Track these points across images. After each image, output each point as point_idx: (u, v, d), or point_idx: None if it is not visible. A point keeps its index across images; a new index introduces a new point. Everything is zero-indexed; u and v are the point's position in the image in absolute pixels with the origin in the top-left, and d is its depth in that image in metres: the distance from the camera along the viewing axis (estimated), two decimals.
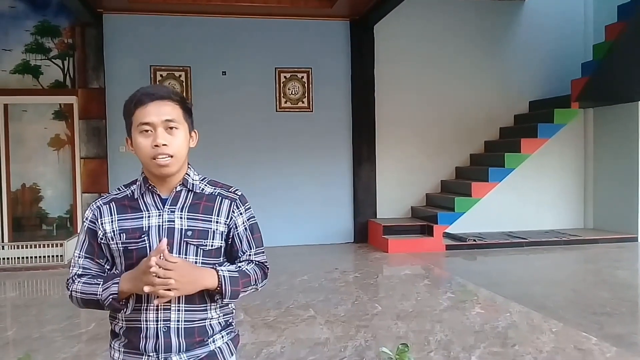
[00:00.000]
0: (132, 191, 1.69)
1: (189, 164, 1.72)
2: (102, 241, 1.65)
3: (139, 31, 8.06)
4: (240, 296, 1.66)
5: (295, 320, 4.74)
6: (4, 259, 7.16)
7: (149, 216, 1.64)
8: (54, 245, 7.12)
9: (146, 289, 1.50)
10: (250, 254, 1.73)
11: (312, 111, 8.55)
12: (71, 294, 1.65)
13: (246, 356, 3.84)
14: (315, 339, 4.25)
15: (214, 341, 1.68)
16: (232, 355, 1.73)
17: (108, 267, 1.68)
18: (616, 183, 8.59)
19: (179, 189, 1.67)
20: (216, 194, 1.71)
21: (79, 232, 1.71)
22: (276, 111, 8.47)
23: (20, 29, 7.76)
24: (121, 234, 1.62)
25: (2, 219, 7.75)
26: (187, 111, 1.69)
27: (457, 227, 8.27)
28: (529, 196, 8.91)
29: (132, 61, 8.01)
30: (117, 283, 1.57)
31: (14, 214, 7.86)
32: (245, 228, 1.73)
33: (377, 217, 8.64)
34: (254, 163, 8.34)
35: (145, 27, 8.07)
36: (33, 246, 7.17)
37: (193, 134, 1.72)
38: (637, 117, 8.23)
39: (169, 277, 1.50)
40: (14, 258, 7.14)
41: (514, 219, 8.86)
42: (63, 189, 8.02)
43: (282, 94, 8.48)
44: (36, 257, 7.06)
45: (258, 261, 1.74)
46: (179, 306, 1.61)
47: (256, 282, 1.71)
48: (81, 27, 7.82)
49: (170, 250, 1.61)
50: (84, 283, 1.62)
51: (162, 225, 1.63)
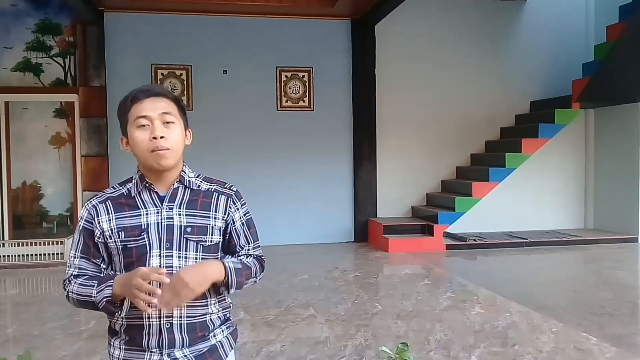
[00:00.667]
0: (128, 189, 1.69)
1: (183, 162, 1.73)
2: (100, 240, 1.65)
3: (140, 29, 8.06)
4: (243, 287, 1.69)
5: (295, 319, 4.74)
6: (4, 256, 7.19)
7: (147, 213, 1.64)
8: (55, 243, 7.14)
9: (140, 305, 1.50)
10: (248, 249, 1.77)
11: (313, 110, 8.55)
12: (68, 294, 1.65)
13: (246, 355, 3.84)
14: (315, 337, 4.25)
15: (214, 335, 1.70)
16: (232, 349, 1.76)
17: (104, 267, 1.68)
18: (617, 183, 8.59)
19: (176, 185, 1.68)
20: (212, 190, 1.73)
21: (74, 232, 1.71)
22: (277, 110, 8.47)
23: (22, 27, 7.75)
24: (120, 232, 1.62)
25: (3, 216, 7.76)
26: (182, 109, 1.71)
27: (457, 227, 8.27)
28: (530, 196, 8.90)
29: (133, 59, 8.01)
30: (111, 286, 1.56)
31: (14, 212, 7.87)
32: (242, 223, 1.76)
33: (378, 216, 8.64)
34: (254, 162, 8.33)
35: (147, 26, 8.07)
36: (33, 244, 7.19)
37: (188, 132, 1.73)
38: (638, 117, 8.22)
39: (185, 294, 1.52)
40: (15, 255, 7.17)
41: (514, 219, 8.85)
42: (64, 187, 8.02)
43: (283, 93, 8.48)
44: (36, 254, 7.07)
45: (256, 255, 1.78)
46: None
47: (256, 274, 1.75)
48: (82, 25, 7.82)
49: (170, 247, 1.62)
50: (79, 284, 1.62)
51: (162, 223, 1.63)
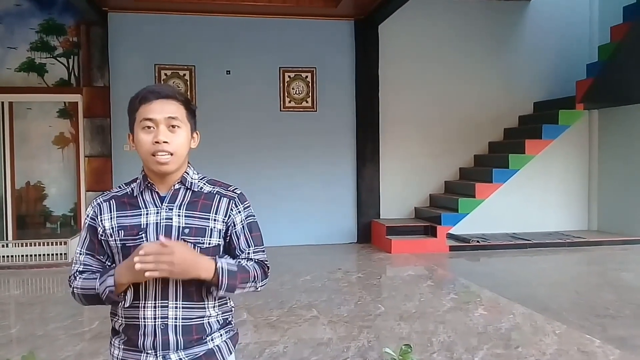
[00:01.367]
0: (132, 189, 1.70)
1: (189, 163, 1.72)
2: (102, 237, 1.66)
3: (144, 30, 8.07)
4: (237, 291, 1.64)
5: (298, 320, 4.74)
6: (8, 256, 7.20)
7: (147, 213, 1.65)
8: (58, 243, 7.16)
9: (137, 266, 1.48)
10: (249, 252, 1.72)
11: (316, 111, 8.54)
12: (73, 290, 1.66)
13: (249, 356, 3.84)
14: (318, 339, 4.25)
15: (212, 339, 1.68)
16: (231, 353, 1.73)
17: (109, 264, 1.68)
18: (621, 185, 8.56)
19: (177, 187, 1.68)
20: (215, 192, 1.72)
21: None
22: (280, 111, 8.47)
23: (26, 27, 7.78)
24: (119, 231, 1.63)
25: (7, 216, 7.78)
26: (191, 112, 1.70)
27: (460, 228, 8.25)
28: (533, 197, 8.88)
29: (136, 60, 8.02)
30: (112, 275, 1.57)
31: (18, 212, 7.89)
32: (243, 226, 1.72)
33: (381, 217, 8.63)
34: (257, 162, 8.34)
35: (150, 26, 8.08)
36: (37, 244, 7.21)
37: (195, 135, 1.72)
38: None
39: (166, 260, 1.49)
40: (18, 256, 7.18)
41: (517, 220, 8.82)
42: (67, 187, 8.04)
43: (286, 94, 8.48)
44: (40, 255, 7.09)
45: (257, 259, 1.72)
46: (177, 304, 1.61)
47: (255, 279, 1.68)
48: (86, 26, 7.83)
49: None
50: (84, 279, 1.63)
51: (160, 223, 1.63)
